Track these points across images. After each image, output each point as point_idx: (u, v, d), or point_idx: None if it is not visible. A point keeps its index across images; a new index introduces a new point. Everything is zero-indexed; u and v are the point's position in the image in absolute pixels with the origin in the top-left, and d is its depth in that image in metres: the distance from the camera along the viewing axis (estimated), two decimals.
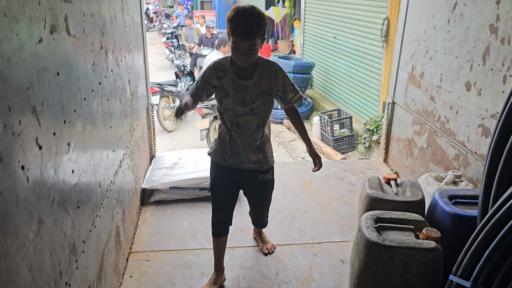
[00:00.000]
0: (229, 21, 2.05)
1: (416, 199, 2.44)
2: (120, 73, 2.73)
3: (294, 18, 11.93)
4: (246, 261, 2.86)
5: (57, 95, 1.56)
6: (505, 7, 2.43)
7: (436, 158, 3.29)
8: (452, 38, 3.01)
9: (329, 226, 3.28)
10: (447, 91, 3.09)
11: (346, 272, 2.75)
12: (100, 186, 2.15)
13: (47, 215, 1.43)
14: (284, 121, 7.70)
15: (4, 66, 1.15)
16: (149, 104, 4.12)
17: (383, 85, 6.09)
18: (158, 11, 21.57)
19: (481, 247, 1.77)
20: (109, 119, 2.37)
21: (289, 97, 2.30)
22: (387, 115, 4.23)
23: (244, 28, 2.00)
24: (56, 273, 1.51)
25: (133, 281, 2.65)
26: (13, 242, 1.18)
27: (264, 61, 2.25)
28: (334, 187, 3.93)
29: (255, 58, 2.15)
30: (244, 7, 2.07)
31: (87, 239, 1.91)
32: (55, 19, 1.55)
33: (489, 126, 2.60)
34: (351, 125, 6.54)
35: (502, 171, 1.84)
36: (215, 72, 2.23)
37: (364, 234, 2.09)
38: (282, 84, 2.26)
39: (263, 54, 12.46)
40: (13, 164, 1.20)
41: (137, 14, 3.60)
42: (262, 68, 2.22)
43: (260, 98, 2.23)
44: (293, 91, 2.29)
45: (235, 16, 2.03)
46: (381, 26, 5.99)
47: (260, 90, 2.22)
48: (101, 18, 2.25)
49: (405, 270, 2.00)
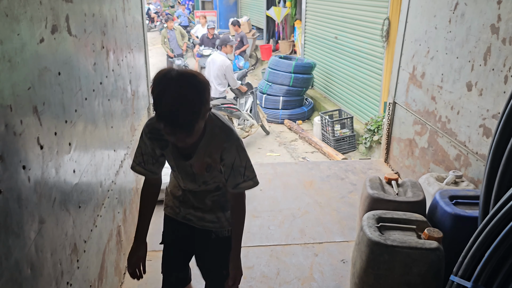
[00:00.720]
0: (153, 96, 1.44)
1: (417, 200, 2.44)
2: (121, 73, 2.73)
3: (295, 18, 11.92)
4: (247, 261, 2.86)
5: (58, 95, 1.56)
6: (506, 7, 2.43)
7: (437, 159, 3.28)
8: (453, 38, 3.01)
9: (330, 226, 3.28)
10: (448, 91, 3.09)
11: (347, 272, 2.74)
12: (101, 185, 2.15)
13: (48, 215, 1.43)
14: (285, 121, 7.70)
15: (5, 66, 1.15)
16: (150, 104, 4.12)
17: (384, 85, 6.08)
18: (159, 11, 21.58)
19: (482, 247, 1.77)
20: (110, 119, 2.38)
21: (235, 181, 1.68)
22: (388, 115, 4.23)
23: (172, 123, 1.41)
24: (58, 272, 1.51)
25: (134, 280, 2.64)
26: (14, 241, 1.18)
27: (212, 131, 1.62)
28: (335, 187, 3.93)
29: (196, 138, 1.56)
30: (172, 78, 1.41)
31: (88, 238, 1.91)
32: (57, 19, 1.55)
33: (490, 127, 2.60)
34: (352, 125, 6.54)
35: (503, 171, 1.84)
36: (155, 142, 1.70)
37: (366, 234, 2.09)
38: (230, 164, 1.65)
39: (264, 55, 12.17)
40: (15, 163, 1.20)
41: (138, 14, 3.60)
42: (208, 142, 1.63)
43: (209, 171, 1.70)
44: (242, 175, 1.67)
45: (159, 97, 1.41)
46: (382, 26, 5.98)
47: (208, 163, 1.68)
48: (102, 18, 2.25)
49: (407, 270, 2.00)
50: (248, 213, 2.94)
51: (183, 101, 1.39)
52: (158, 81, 1.43)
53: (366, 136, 6.08)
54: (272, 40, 13.64)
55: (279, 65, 8.08)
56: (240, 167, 1.66)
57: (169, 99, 1.39)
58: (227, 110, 6.14)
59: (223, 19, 16.53)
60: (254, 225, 3.29)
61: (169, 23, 9.89)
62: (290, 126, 7.50)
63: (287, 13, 12.08)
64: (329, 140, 6.56)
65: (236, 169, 1.66)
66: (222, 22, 16.57)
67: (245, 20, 13.17)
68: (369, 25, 6.60)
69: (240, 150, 1.66)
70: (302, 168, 4.37)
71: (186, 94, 1.40)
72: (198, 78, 1.47)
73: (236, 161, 1.65)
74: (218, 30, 13.84)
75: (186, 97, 1.40)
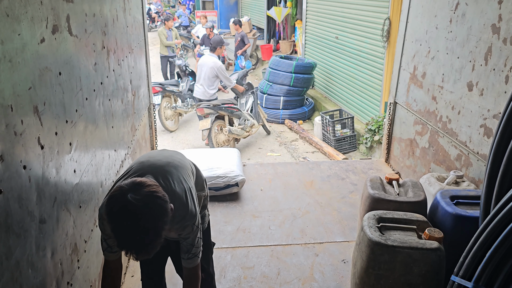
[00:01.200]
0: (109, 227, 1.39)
1: (418, 200, 2.43)
2: (122, 73, 2.73)
3: (296, 18, 11.91)
4: (247, 261, 2.86)
5: (59, 95, 1.56)
6: (507, 7, 2.43)
7: (438, 158, 3.28)
8: (454, 38, 3.01)
9: (331, 226, 3.28)
10: (449, 91, 3.09)
11: (347, 272, 2.74)
12: (101, 185, 2.15)
13: (49, 215, 1.43)
14: (286, 121, 7.70)
15: (6, 66, 1.15)
16: (151, 104, 4.12)
17: (385, 85, 6.08)
18: (160, 11, 21.59)
19: (483, 247, 1.77)
20: (110, 119, 2.38)
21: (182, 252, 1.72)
22: (388, 115, 4.23)
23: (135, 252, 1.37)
24: (58, 272, 1.51)
25: (135, 280, 2.65)
26: (15, 241, 1.18)
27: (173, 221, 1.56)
28: (335, 187, 3.93)
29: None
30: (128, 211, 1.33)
31: (89, 238, 1.91)
32: (57, 19, 1.55)
33: (491, 126, 2.60)
34: (352, 125, 6.53)
35: (504, 171, 1.84)
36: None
37: (366, 234, 2.09)
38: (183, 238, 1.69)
39: (265, 55, 12.21)
40: (15, 163, 1.20)
41: (139, 14, 3.60)
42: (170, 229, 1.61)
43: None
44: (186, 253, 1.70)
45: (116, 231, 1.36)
46: (383, 26, 5.98)
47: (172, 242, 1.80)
48: (103, 18, 2.25)
49: (408, 270, 2.00)
50: (249, 213, 2.95)
51: (143, 235, 1.34)
52: (113, 215, 1.35)
53: (366, 136, 6.08)
54: (273, 40, 13.64)
55: (279, 65, 8.08)
56: (189, 245, 1.68)
57: (128, 235, 1.33)
58: (228, 110, 6.13)
59: (224, 19, 16.53)
60: (254, 225, 3.29)
61: (169, 22, 9.72)
62: (291, 126, 7.50)
63: (287, 13, 12.08)
64: (329, 140, 6.56)
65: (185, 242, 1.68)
66: (222, 22, 16.57)
67: (246, 20, 13.16)
68: (370, 25, 6.59)
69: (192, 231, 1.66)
70: (302, 168, 4.37)
71: (144, 226, 1.34)
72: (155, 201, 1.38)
73: (187, 239, 1.67)
74: (219, 30, 13.85)
75: (145, 229, 1.34)
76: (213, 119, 6.10)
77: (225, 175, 3.65)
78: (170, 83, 7.73)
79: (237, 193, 3.76)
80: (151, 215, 1.36)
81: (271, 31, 13.77)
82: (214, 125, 6.14)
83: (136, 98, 3.25)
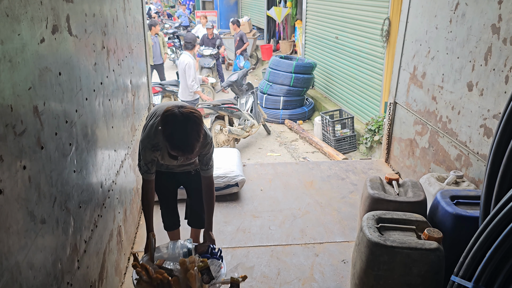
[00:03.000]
0: (165, 133, 1.97)
1: (418, 200, 2.43)
2: (122, 73, 2.73)
3: (296, 18, 11.91)
4: (247, 261, 2.86)
5: (59, 95, 1.56)
6: (507, 7, 2.43)
7: (438, 159, 3.28)
8: (454, 38, 3.01)
9: (331, 226, 3.28)
10: (449, 91, 3.09)
11: (347, 272, 2.74)
12: (101, 186, 2.15)
13: (48, 215, 1.43)
14: (286, 121, 7.70)
15: (6, 66, 1.15)
16: (151, 104, 4.12)
17: (385, 85, 6.08)
18: (160, 11, 21.59)
19: (483, 247, 1.77)
20: (110, 119, 2.38)
21: (202, 164, 2.35)
22: (388, 115, 4.23)
23: (184, 152, 1.98)
24: (58, 272, 1.51)
25: None
26: (15, 241, 1.18)
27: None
28: (335, 187, 3.93)
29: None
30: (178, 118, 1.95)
31: (89, 238, 1.91)
32: (57, 19, 1.55)
33: (491, 127, 2.60)
34: (352, 125, 6.53)
35: (504, 171, 1.84)
36: (155, 152, 2.24)
37: (366, 234, 2.09)
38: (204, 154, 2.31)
39: (265, 55, 12.21)
40: (15, 163, 1.20)
41: (139, 14, 3.60)
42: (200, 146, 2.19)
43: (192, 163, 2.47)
44: (206, 165, 2.34)
45: (172, 135, 1.95)
46: (382, 26, 5.98)
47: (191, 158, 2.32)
48: (102, 18, 2.25)
49: (407, 270, 2.00)
50: (249, 213, 2.94)
51: (191, 136, 1.94)
52: (167, 121, 1.95)
53: (366, 136, 6.08)
54: (273, 40, 13.64)
55: (279, 65, 8.08)
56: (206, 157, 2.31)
57: (181, 136, 1.93)
58: (228, 110, 6.13)
59: (224, 19, 16.53)
60: (254, 225, 3.29)
61: (155, 28, 8.51)
62: (291, 126, 7.50)
63: (287, 13, 12.08)
64: (329, 140, 6.56)
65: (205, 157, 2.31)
66: (222, 22, 16.56)
67: (246, 20, 13.16)
68: (370, 25, 6.59)
69: (208, 148, 2.28)
70: (302, 168, 4.37)
71: (192, 130, 1.95)
72: (195, 113, 1.99)
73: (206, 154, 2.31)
74: (219, 30, 13.85)
75: (193, 132, 1.95)
76: (213, 119, 6.09)
77: (225, 175, 3.65)
78: (170, 83, 7.73)
79: (237, 193, 3.76)
80: (194, 121, 1.96)
81: (271, 31, 13.77)
82: (214, 125, 6.14)
83: (136, 98, 3.25)
